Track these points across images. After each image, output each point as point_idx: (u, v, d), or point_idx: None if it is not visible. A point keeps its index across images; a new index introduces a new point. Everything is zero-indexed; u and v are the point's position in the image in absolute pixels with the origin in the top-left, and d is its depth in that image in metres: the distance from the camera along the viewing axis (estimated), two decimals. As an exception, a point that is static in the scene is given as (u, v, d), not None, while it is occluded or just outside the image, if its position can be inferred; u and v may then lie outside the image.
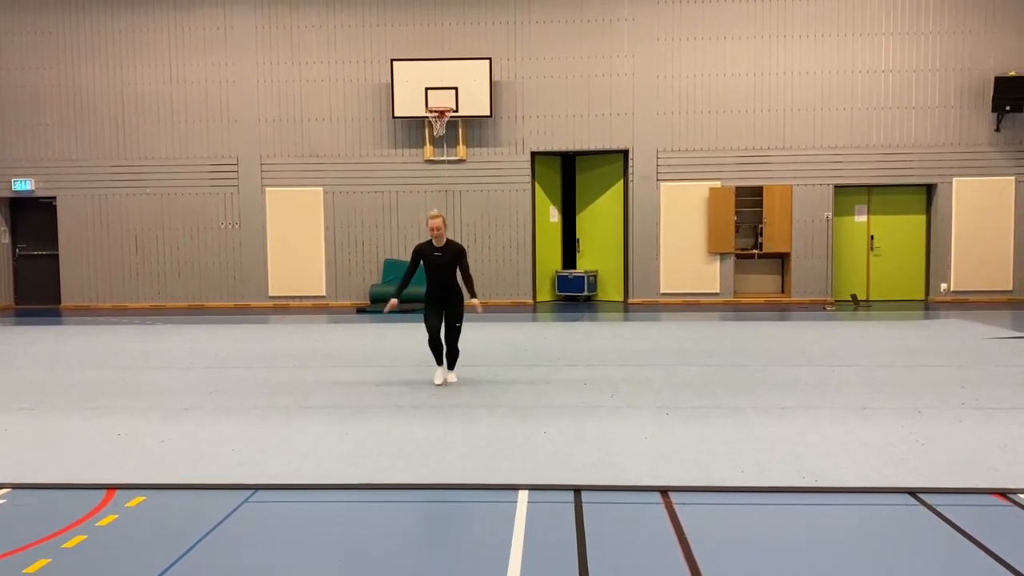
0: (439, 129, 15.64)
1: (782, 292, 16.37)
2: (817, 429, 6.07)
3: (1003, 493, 4.74)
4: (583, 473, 5.11)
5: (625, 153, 16.18)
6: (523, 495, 4.79)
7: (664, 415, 6.56)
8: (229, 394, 7.58)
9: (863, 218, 16.33)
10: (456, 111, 15.59)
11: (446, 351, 7.96)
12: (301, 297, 16.50)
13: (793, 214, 15.85)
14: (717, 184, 15.94)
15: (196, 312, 15.78)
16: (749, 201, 16.05)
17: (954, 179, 15.73)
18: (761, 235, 16.00)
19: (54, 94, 16.52)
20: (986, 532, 4.19)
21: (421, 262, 7.81)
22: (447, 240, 7.78)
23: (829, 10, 15.70)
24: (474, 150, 16.17)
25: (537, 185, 16.51)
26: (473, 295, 7.86)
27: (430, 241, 7.77)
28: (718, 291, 16.07)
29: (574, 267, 17.17)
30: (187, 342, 11.11)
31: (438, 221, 7.67)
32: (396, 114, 15.80)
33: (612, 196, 16.65)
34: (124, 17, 16.36)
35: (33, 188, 16.56)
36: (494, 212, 16.21)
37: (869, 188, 16.16)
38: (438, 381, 7.84)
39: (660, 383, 7.83)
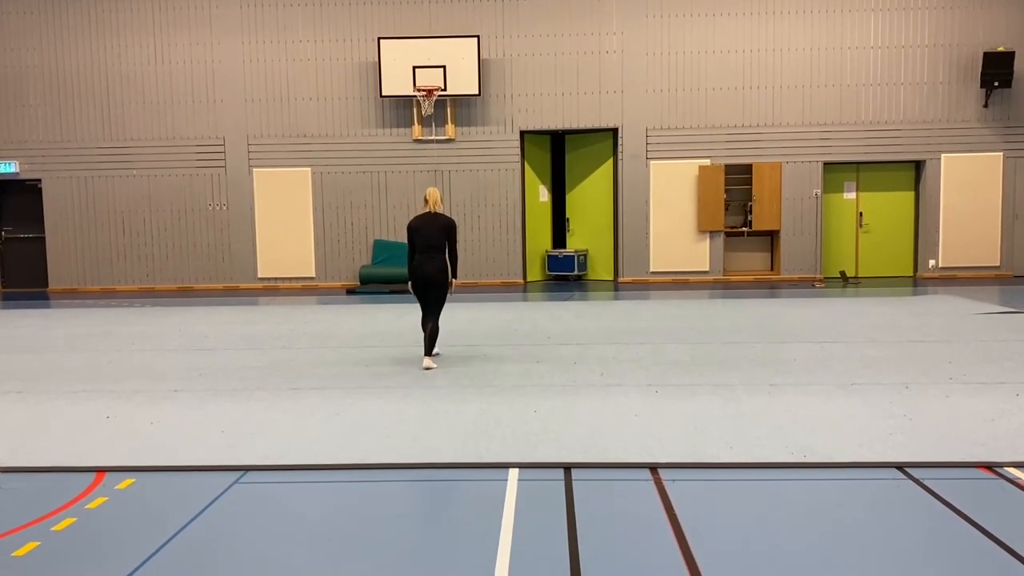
0: (427, 108, 15.54)
1: (771, 269, 16.41)
2: (806, 405, 6.10)
3: (989, 466, 4.79)
4: (573, 451, 5.13)
5: (614, 131, 16.13)
6: (513, 473, 4.80)
7: (653, 393, 6.58)
8: (218, 376, 7.57)
9: (852, 195, 16.36)
10: (444, 90, 15.49)
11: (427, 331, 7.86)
12: (290, 278, 16.45)
13: (782, 191, 15.86)
14: (707, 162, 15.92)
15: (185, 294, 15.72)
16: (738, 179, 16.04)
17: (942, 155, 15.75)
18: (750, 213, 16.01)
19: (37, 75, 16.33)
20: (972, 505, 4.23)
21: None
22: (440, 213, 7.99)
23: (818, -14, 15.65)
24: (463, 129, 16.09)
25: (526, 164, 16.45)
26: (454, 275, 7.98)
27: (427, 212, 7.94)
28: (707, 269, 16.10)
29: (564, 247, 17.16)
30: (176, 324, 11.06)
31: (435, 191, 8.05)
32: (384, 93, 15.69)
33: (602, 175, 16.61)
34: (107, -4, 16.18)
35: (18, 171, 16.41)
36: (483, 192, 16.16)
37: (858, 165, 16.17)
38: (424, 365, 7.75)
39: (649, 361, 7.85)
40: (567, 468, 4.87)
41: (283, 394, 6.80)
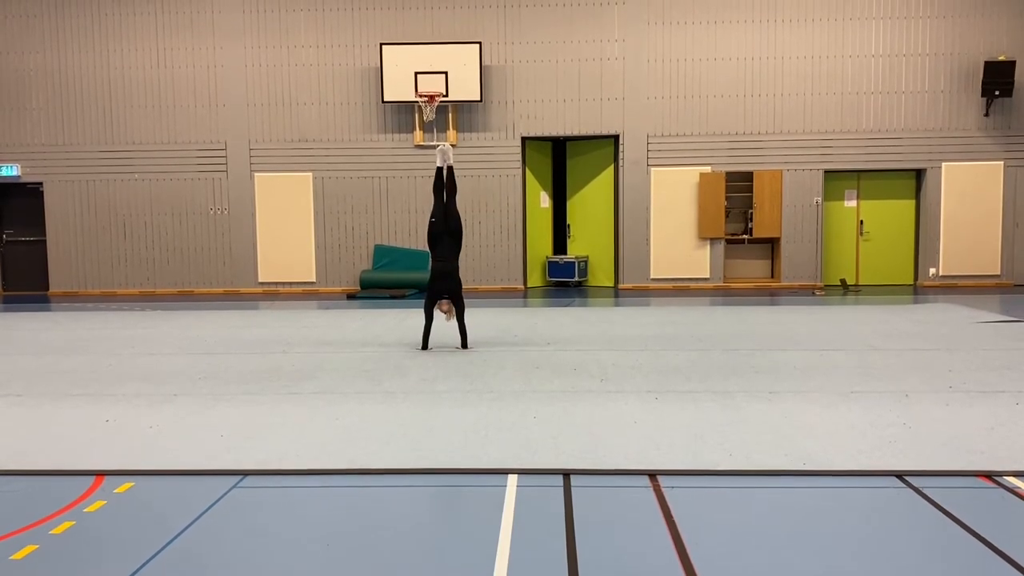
0: (429, 114, 15.57)
1: (772, 277, 16.42)
2: (805, 413, 6.09)
3: (988, 475, 4.77)
4: (572, 457, 5.12)
5: (615, 138, 16.16)
6: (512, 479, 4.79)
7: (653, 399, 6.57)
8: (218, 380, 7.56)
9: (852, 203, 16.37)
10: (446, 96, 15.52)
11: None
12: (291, 283, 16.46)
13: (783, 199, 15.88)
14: (707, 169, 15.94)
15: (185, 298, 15.72)
16: (739, 186, 16.07)
17: (943, 164, 15.77)
18: (751, 220, 16.03)
19: (40, 78, 16.37)
20: (971, 514, 4.22)
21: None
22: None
23: (820, -6, 15.69)
24: (464, 135, 16.11)
25: (528, 170, 16.47)
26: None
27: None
28: (708, 276, 16.11)
29: (564, 253, 17.17)
30: (176, 328, 11.06)
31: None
32: (386, 99, 15.73)
33: (602, 181, 16.63)
34: (111, 0, 16.20)
35: (19, 174, 16.44)
36: (484, 198, 16.18)
37: (858, 173, 16.19)
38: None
39: (649, 367, 7.85)
40: (566, 474, 4.86)
41: (283, 398, 6.80)
